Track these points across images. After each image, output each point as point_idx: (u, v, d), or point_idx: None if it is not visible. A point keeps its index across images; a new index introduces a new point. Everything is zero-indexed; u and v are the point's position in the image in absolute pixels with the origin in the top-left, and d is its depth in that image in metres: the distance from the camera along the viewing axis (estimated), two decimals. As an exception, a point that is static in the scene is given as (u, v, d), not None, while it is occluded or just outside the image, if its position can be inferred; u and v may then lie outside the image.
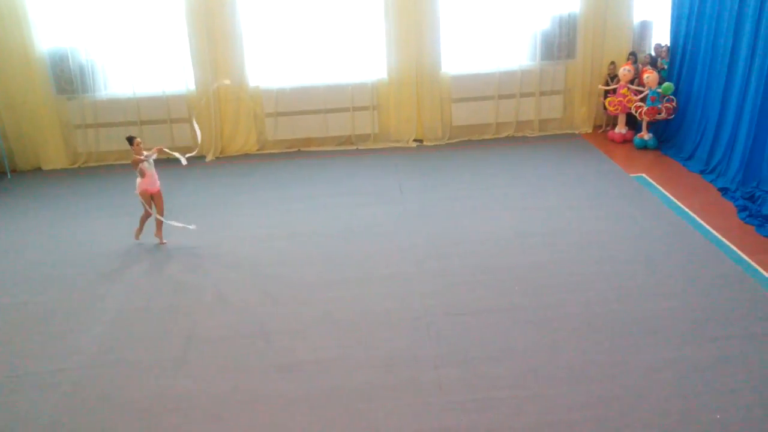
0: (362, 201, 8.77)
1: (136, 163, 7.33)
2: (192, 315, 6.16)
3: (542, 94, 11.27)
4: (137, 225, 7.78)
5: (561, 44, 11.10)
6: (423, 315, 5.91)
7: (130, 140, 7.41)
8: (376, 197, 8.89)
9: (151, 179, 7.48)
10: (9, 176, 10.71)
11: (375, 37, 10.86)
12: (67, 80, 10.71)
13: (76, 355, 5.60)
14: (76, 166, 11.11)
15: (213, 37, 10.58)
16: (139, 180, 7.42)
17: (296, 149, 11.36)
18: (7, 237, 8.26)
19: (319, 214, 8.43)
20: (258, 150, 11.33)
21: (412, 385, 4.97)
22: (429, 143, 11.31)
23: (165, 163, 10.99)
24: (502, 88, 11.18)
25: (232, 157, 11.15)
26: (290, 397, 4.93)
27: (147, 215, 7.62)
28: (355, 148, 11.29)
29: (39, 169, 11.07)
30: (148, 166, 7.42)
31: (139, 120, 10.95)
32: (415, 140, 11.37)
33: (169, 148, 7.84)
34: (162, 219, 7.58)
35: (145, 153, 7.41)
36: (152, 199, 7.54)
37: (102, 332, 5.94)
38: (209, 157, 11.08)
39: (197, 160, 11.07)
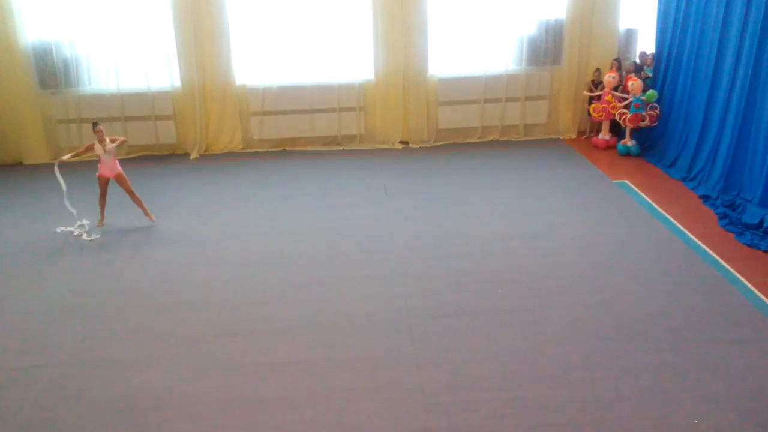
0: (347, 202, 8.76)
1: (88, 149, 7.78)
2: (173, 313, 6.11)
3: (528, 98, 11.35)
4: (103, 218, 8.13)
5: (547, 50, 11.19)
6: (406, 317, 5.91)
7: (94, 125, 7.81)
8: (360, 198, 8.88)
9: (108, 165, 7.88)
10: (-11, 170, 10.58)
11: (363, 38, 10.87)
12: (51, 74, 10.60)
13: (53, 352, 5.53)
14: (57, 161, 10.95)
15: (200, 34, 10.53)
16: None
17: (282, 149, 11.33)
18: (-15, 231, 8.14)
19: (304, 214, 8.41)
20: (243, 149, 11.29)
21: (394, 386, 4.97)
22: (415, 145, 11.34)
23: (149, 160, 10.94)
24: (488, 92, 11.23)
25: (217, 155, 11.09)
26: (271, 397, 4.90)
27: (101, 200, 8.07)
28: (341, 148, 11.28)
29: (20, 163, 10.94)
30: (105, 154, 7.79)
31: (123, 116, 10.86)
32: (401, 142, 11.38)
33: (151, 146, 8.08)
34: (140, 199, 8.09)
35: (107, 140, 7.79)
36: (115, 182, 7.96)
37: (80, 329, 5.87)
38: (194, 155, 11.01)
39: (181, 158, 11.02)
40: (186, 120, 11.01)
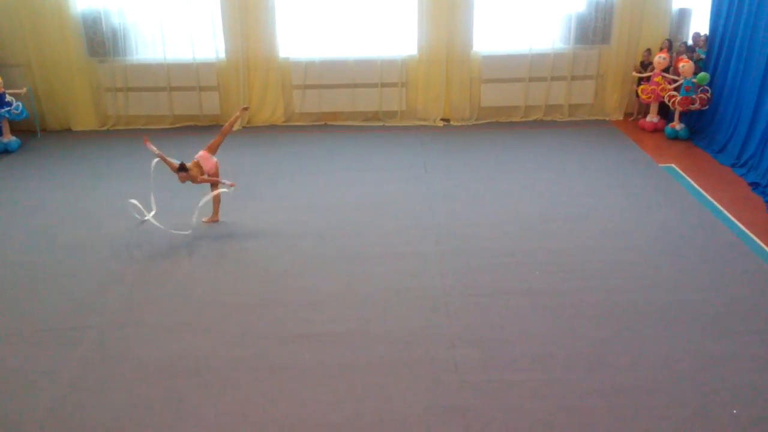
0: (386, 177, 8.76)
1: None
2: (212, 282, 6.24)
3: (574, 78, 11.11)
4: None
5: (596, 28, 10.90)
6: (441, 294, 5.91)
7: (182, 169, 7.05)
8: (400, 174, 8.87)
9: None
10: (39, 135, 10.86)
11: (407, 13, 10.75)
12: (100, 42, 10.77)
13: (97, 315, 5.70)
14: (105, 128, 11.22)
15: (245, 6, 10.55)
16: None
17: (323, 123, 11.35)
18: (34, 196, 8.39)
19: (343, 188, 8.44)
20: (284, 122, 11.34)
21: (428, 362, 4.99)
22: (456, 123, 11.23)
23: (193, 130, 11.08)
24: (533, 71, 11.03)
25: (259, 128, 11.18)
26: (305, 366, 4.98)
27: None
28: (381, 124, 11.25)
29: (69, 129, 11.20)
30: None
31: (169, 86, 11.00)
32: (442, 119, 11.29)
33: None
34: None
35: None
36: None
37: (123, 294, 6.04)
38: (236, 127, 11.11)
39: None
40: (230, 91, 11.10)
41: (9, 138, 10.19)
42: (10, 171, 9.30)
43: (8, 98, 10.02)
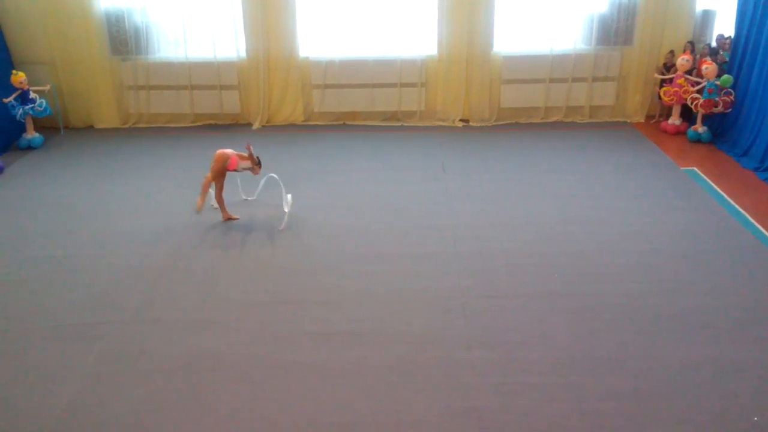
0: (404, 177, 8.75)
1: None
2: (230, 279, 6.27)
3: (595, 79, 11.02)
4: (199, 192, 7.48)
5: (618, 29, 10.80)
6: (459, 295, 5.89)
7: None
8: (418, 175, 8.85)
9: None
10: (62, 132, 11.00)
11: (427, 13, 10.74)
12: (122, 41, 10.87)
13: (116, 310, 5.76)
14: (126, 126, 11.33)
15: (266, 6, 10.60)
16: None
17: (341, 122, 11.37)
18: (57, 191, 8.49)
19: (361, 187, 8.45)
20: (304, 121, 11.37)
21: (445, 363, 4.98)
22: (475, 124, 11.19)
23: (213, 129, 11.16)
24: (554, 71, 10.96)
25: (279, 126, 11.22)
26: (322, 365, 4.99)
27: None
28: (400, 124, 11.24)
29: (91, 127, 11.33)
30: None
31: (190, 84, 11.08)
32: (461, 120, 11.26)
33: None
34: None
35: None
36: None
37: (142, 290, 6.09)
38: (256, 125, 11.17)
39: (244, 128, 11.20)
40: (250, 90, 11.16)
41: (33, 134, 10.34)
42: (33, 167, 9.43)
43: (32, 95, 10.16)
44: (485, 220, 7.43)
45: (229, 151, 7.28)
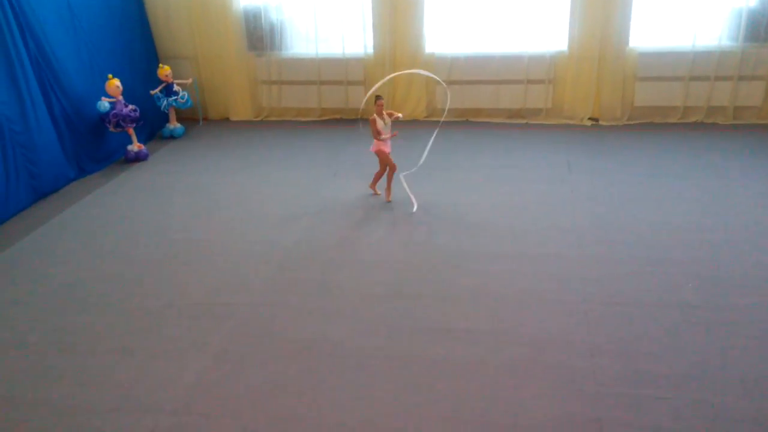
0: (527, 176, 8.55)
1: (373, 123, 7.63)
2: (350, 270, 6.41)
3: (741, 78, 10.21)
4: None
5: (770, 24, 9.95)
6: (581, 300, 5.68)
7: (375, 99, 7.63)
8: (542, 174, 8.62)
9: (388, 142, 7.77)
10: (201, 123, 11.72)
11: (559, 8, 10.40)
12: (258, 38, 11.40)
13: (245, 293, 6.07)
14: (259, 119, 11.88)
15: (395, 4, 10.70)
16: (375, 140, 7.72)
17: (465, 119, 11.29)
18: (195, 178, 9.07)
19: (482, 185, 8.35)
20: (426, 117, 11.40)
21: (565, 369, 4.82)
22: (605, 123, 10.73)
23: (339, 123, 11.45)
24: (695, 69, 10.26)
25: (402, 122, 11.30)
26: (436, 360, 4.99)
27: (380, 173, 8.01)
28: (525, 122, 11.00)
29: (227, 119, 11.99)
30: (384, 127, 7.67)
31: (319, 80, 11.43)
32: (590, 119, 10.83)
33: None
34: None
35: (385, 114, 7.68)
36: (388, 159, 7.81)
37: (269, 274, 6.37)
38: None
39: (365, 122, 11.38)
40: (373, 86, 11.31)
41: (175, 125, 11.09)
42: (174, 155, 10.12)
43: (176, 88, 10.90)
44: (612, 223, 7.11)
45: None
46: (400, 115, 7.91)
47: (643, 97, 10.58)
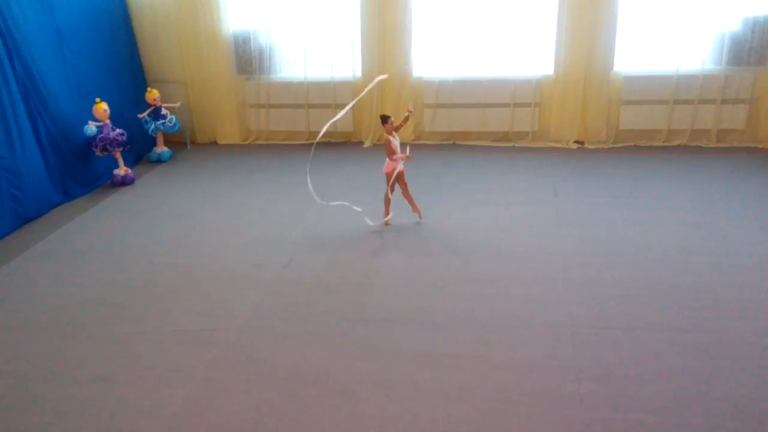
0: (513, 199, 8.59)
1: (387, 143, 7.53)
2: (336, 294, 6.38)
3: (724, 102, 10.36)
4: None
5: (752, 49, 10.12)
6: (568, 324, 5.67)
7: (384, 119, 7.50)
8: (528, 196, 8.66)
9: (398, 161, 7.61)
10: (188, 147, 11.72)
11: (545, 33, 10.54)
12: (247, 61, 11.46)
13: (230, 318, 6.01)
14: (247, 142, 11.90)
15: (384, 29, 10.80)
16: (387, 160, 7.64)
17: (451, 142, 11.36)
18: (182, 203, 9.04)
19: (468, 208, 8.37)
20: (414, 140, 11.46)
21: (551, 394, 4.79)
22: (591, 146, 10.83)
23: (327, 146, 11.48)
24: (678, 93, 10.41)
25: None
26: (423, 387, 4.94)
27: (387, 196, 7.86)
28: (511, 145, 11.07)
29: (215, 142, 11.99)
30: (398, 146, 7.59)
31: (307, 103, 11.48)
32: (575, 142, 10.93)
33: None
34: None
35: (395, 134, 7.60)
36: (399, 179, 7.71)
37: (255, 300, 6.32)
38: (367, 143, 11.39)
39: (356, 146, 11.45)
40: (363, 109, 11.40)
41: (162, 149, 11.08)
42: (161, 179, 10.10)
43: (164, 111, 10.90)
44: (598, 246, 7.13)
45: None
46: (410, 110, 7.80)
47: (627, 120, 10.70)
